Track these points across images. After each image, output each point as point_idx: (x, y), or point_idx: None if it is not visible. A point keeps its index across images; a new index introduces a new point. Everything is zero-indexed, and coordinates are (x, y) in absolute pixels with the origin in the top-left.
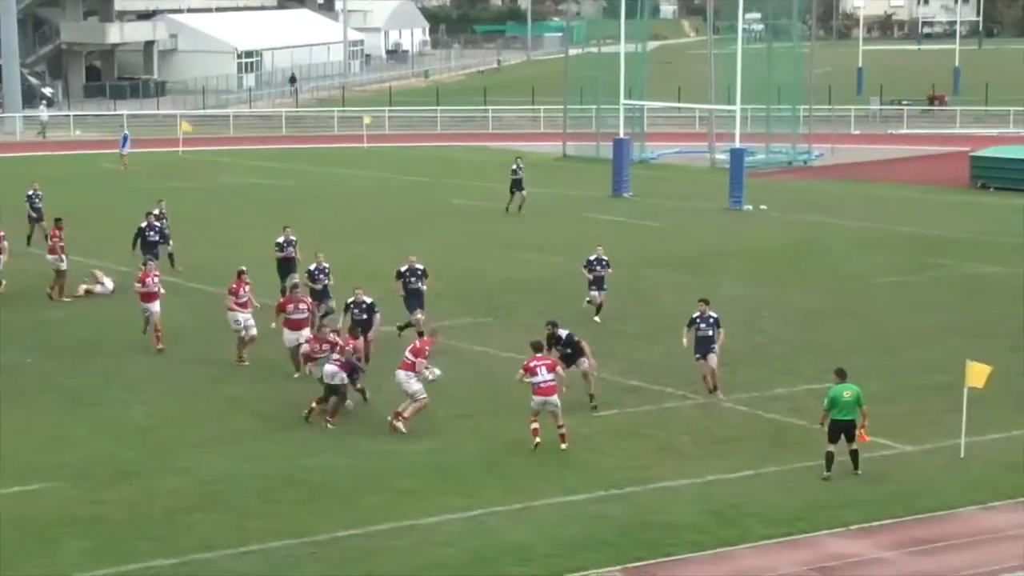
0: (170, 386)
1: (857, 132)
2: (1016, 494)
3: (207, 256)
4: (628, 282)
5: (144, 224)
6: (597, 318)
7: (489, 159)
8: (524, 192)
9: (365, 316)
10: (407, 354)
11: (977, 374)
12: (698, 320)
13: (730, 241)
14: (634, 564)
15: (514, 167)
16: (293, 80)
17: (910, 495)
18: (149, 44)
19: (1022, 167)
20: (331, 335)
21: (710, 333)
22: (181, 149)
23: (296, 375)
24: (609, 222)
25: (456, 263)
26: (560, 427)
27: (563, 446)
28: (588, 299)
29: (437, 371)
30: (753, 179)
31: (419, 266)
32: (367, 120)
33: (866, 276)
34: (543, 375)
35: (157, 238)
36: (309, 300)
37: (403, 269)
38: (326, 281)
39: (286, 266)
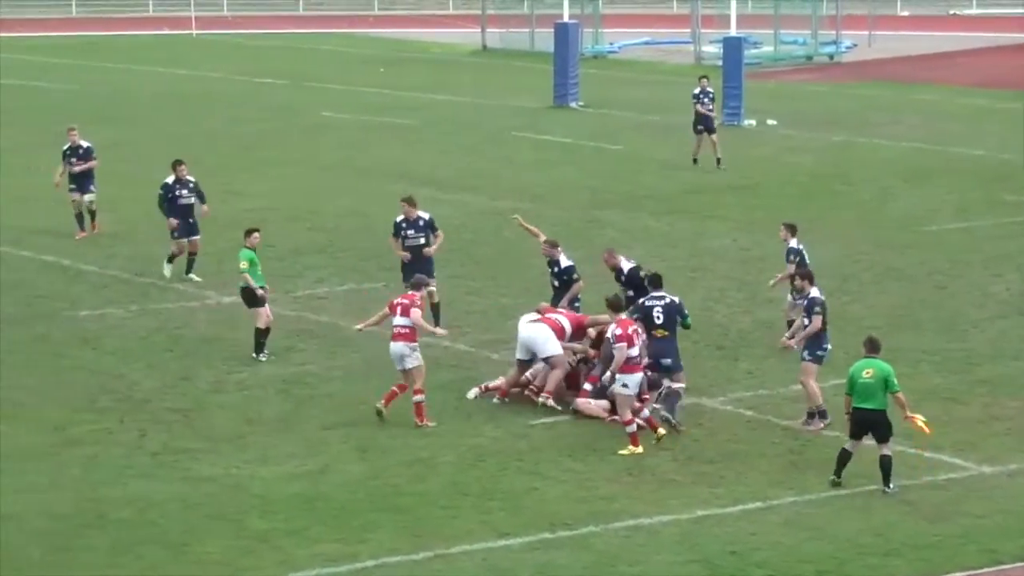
0: None
1: (905, 13)
2: None
3: None
4: (579, 230)
5: None
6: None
7: (375, 53)
8: (715, 136)
9: None
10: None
11: None
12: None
13: (724, 172)
14: None
15: (697, 92)
16: None
17: (989, 537)
18: None
19: None
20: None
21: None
22: None
23: None
24: (549, 144)
25: (329, 203)
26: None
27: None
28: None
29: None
30: (757, 81)
31: (423, 215)
32: None
33: (918, 220)
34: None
35: None
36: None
37: (400, 219)
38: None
39: None
